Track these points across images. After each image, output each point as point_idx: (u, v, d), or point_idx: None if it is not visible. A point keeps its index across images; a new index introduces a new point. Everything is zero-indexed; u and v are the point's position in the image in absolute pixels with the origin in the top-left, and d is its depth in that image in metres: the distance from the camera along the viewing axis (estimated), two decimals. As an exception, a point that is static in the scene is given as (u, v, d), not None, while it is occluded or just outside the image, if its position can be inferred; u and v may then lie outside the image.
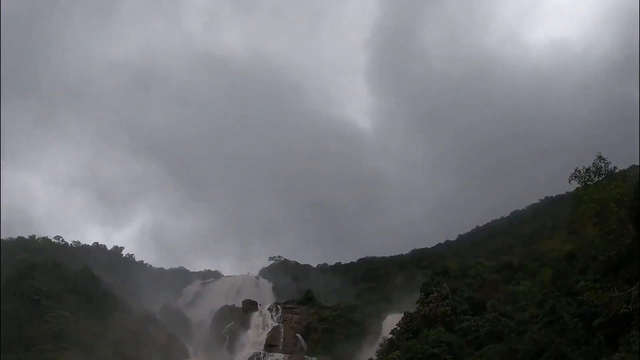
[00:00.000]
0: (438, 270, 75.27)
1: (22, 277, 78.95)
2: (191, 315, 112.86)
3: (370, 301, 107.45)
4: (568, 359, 37.97)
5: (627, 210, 31.94)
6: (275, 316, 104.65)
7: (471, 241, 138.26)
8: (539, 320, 44.53)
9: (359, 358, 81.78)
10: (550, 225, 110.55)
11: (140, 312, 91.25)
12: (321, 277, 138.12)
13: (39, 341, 67.46)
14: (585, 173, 38.00)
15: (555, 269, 52.69)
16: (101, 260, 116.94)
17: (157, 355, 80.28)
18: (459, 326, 55.90)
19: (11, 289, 73.45)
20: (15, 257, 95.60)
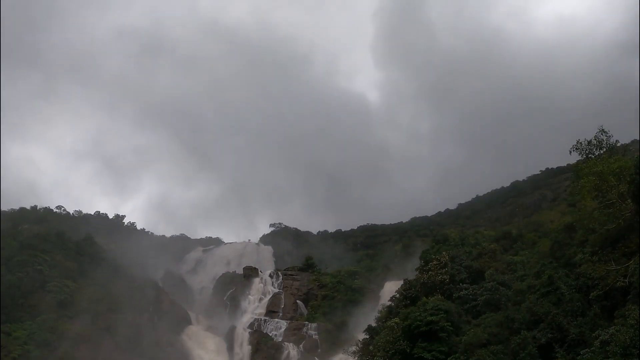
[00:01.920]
0: (437, 239, 75.58)
1: (25, 248, 79.53)
2: (193, 282, 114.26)
3: (370, 268, 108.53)
4: (564, 330, 38.44)
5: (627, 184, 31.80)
6: (276, 282, 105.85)
7: (471, 210, 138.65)
8: (536, 290, 44.95)
9: (358, 324, 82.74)
10: (550, 196, 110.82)
11: (142, 279, 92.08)
12: (322, 244, 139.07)
13: (44, 310, 68.34)
14: (587, 145, 37.69)
15: (554, 240, 52.87)
16: (103, 228, 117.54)
17: (159, 322, 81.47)
18: (457, 294, 56.30)
19: (15, 259, 73.93)
20: (17, 227, 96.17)
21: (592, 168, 32.98)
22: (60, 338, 63.85)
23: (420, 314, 49.66)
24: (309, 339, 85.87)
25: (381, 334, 53.90)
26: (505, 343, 41.20)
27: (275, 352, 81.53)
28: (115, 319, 72.20)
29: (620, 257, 33.36)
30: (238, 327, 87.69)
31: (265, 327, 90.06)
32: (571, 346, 37.26)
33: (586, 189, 33.10)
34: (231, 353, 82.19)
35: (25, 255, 75.52)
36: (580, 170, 35.13)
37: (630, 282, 32.54)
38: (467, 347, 43.74)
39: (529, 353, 38.25)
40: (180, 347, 77.83)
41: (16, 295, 67.93)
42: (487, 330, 44.46)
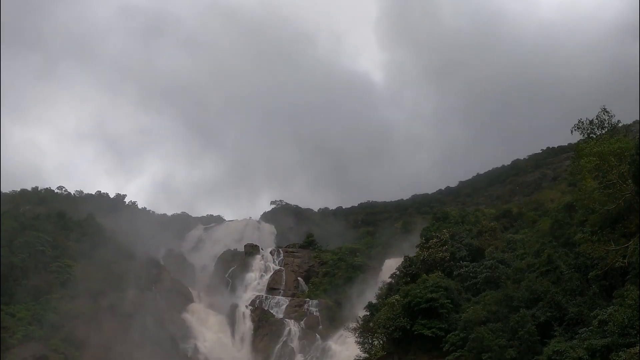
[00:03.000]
0: (438, 216, 75.57)
1: (26, 229, 79.72)
2: (194, 260, 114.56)
3: (370, 245, 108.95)
4: (563, 309, 38.74)
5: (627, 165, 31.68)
6: (277, 260, 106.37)
7: (471, 188, 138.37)
8: (535, 269, 45.15)
9: (359, 301, 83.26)
10: (551, 175, 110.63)
11: (144, 258, 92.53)
12: (322, 222, 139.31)
13: (46, 291, 68.85)
14: (589, 125, 37.45)
15: (553, 219, 52.90)
16: (104, 208, 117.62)
17: (161, 300, 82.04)
18: (457, 272, 56.60)
19: (16, 240, 74.21)
20: (19, 209, 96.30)
21: (593, 148, 32.81)
22: (63, 317, 64.49)
23: (420, 291, 50.08)
24: (310, 315, 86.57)
25: (381, 310, 54.27)
26: (504, 321, 41.59)
27: (277, 328, 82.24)
28: (117, 297, 72.73)
29: (620, 238, 33.45)
30: (239, 305, 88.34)
31: (266, 304, 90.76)
32: (570, 325, 37.63)
33: (586, 169, 33.00)
34: (233, 330, 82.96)
35: (27, 236, 75.76)
36: (581, 150, 34.95)
37: (629, 262, 32.68)
38: (467, 324, 44.26)
39: (527, 331, 38.60)
40: (183, 325, 78.55)
41: (19, 277, 68.35)
42: (487, 308, 44.90)
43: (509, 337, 39.64)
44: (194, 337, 77.65)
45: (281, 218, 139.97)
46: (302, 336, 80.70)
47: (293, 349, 78.32)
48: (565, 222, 50.05)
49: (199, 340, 77.37)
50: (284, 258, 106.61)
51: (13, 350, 57.93)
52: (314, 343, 78.38)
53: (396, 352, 51.11)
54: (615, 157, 31.21)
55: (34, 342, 60.33)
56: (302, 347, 78.11)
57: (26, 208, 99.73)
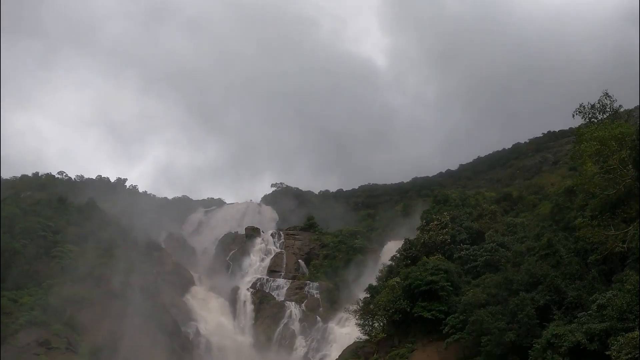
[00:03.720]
0: (438, 199, 75.56)
1: (27, 214, 79.86)
2: (195, 243, 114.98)
3: (371, 228, 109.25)
4: (562, 292, 38.81)
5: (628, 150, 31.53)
6: (278, 242, 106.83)
7: (472, 171, 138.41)
8: (535, 252, 45.21)
9: (359, 283, 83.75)
10: (551, 159, 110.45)
11: (145, 241, 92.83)
12: (323, 204, 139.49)
13: (48, 276, 69.12)
14: (590, 109, 37.22)
15: (554, 203, 52.90)
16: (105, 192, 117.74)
17: (163, 283, 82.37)
18: (458, 254, 56.79)
19: (18, 226, 74.34)
20: (20, 195, 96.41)
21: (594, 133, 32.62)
22: (65, 302, 64.74)
23: (420, 273, 50.31)
24: (311, 298, 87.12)
25: (382, 293, 54.76)
26: (503, 304, 41.53)
27: (278, 311, 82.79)
28: (119, 281, 72.83)
29: (620, 223, 33.41)
30: (241, 287, 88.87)
31: (267, 287, 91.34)
32: (569, 309, 37.72)
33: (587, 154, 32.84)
34: (234, 312, 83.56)
35: (28, 222, 75.92)
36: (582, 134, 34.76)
37: (629, 248, 32.69)
38: (466, 307, 44.34)
39: (527, 314, 38.66)
40: (185, 308, 79.02)
41: (21, 262, 68.57)
42: (486, 290, 44.85)
43: (509, 320, 39.62)
44: (195, 320, 78.20)
45: (282, 201, 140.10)
46: (302, 318, 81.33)
47: (294, 331, 78.96)
48: (565, 207, 50.04)
49: (201, 323, 77.89)
50: (285, 241, 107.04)
51: (16, 335, 58.38)
52: (314, 325, 79.01)
53: (396, 334, 51.61)
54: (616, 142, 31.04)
55: (37, 327, 60.70)
56: (302, 329, 78.75)
57: (27, 194, 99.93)
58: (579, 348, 31.93)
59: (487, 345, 39.47)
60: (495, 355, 39.43)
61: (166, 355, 64.06)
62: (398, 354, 47.63)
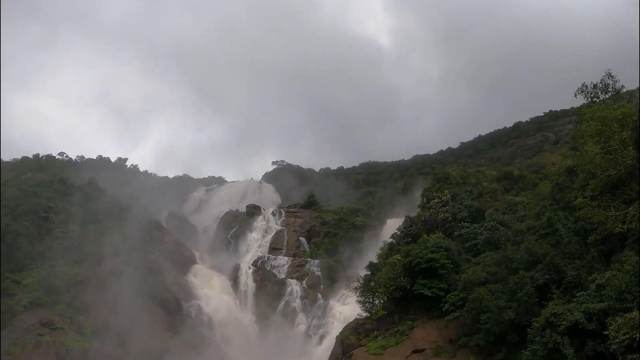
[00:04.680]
0: (439, 177, 75.41)
1: (29, 196, 79.82)
2: (196, 221, 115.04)
3: (372, 205, 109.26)
4: (561, 272, 39.00)
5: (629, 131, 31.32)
6: (279, 220, 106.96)
7: (473, 149, 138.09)
8: (535, 231, 45.29)
9: (360, 261, 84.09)
10: (552, 139, 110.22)
11: (146, 220, 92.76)
12: (324, 182, 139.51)
13: (51, 257, 69.29)
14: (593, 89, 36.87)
15: (554, 182, 52.80)
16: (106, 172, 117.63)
17: (165, 262, 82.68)
18: (458, 232, 56.90)
19: (19, 208, 74.47)
20: (21, 176, 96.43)
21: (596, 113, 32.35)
22: (68, 283, 65.12)
23: (421, 251, 50.36)
24: (312, 275, 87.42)
25: (382, 270, 54.89)
26: (503, 282, 41.79)
27: (279, 288, 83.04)
28: (121, 261, 73.19)
29: (620, 204, 33.35)
30: (242, 265, 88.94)
31: (268, 265, 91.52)
32: (567, 288, 37.96)
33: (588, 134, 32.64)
34: (236, 290, 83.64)
35: (29, 203, 75.86)
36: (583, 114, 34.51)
37: (629, 228, 32.68)
38: (466, 284, 44.46)
39: (526, 293, 38.90)
40: (186, 286, 79.35)
41: (23, 244, 68.80)
42: (486, 269, 44.98)
43: (508, 298, 39.88)
44: (197, 298, 78.46)
45: (283, 178, 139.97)
46: (303, 296, 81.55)
47: (295, 308, 79.34)
48: (565, 186, 49.99)
49: (202, 301, 78.17)
50: (286, 218, 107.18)
51: (20, 317, 58.79)
52: (315, 302, 79.36)
53: (396, 311, 51.79)
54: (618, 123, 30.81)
55: (40, 308, 61.07)
56: (304, 307, 79.16)
57: (28, 175, 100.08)
58: (578, 327, 32.19)
59: (487, 323, 39.82)
60: (494, 333, 39.82)
61: (168, 333, 64.71)
62: (398, 331, 47.82)
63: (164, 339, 63.84)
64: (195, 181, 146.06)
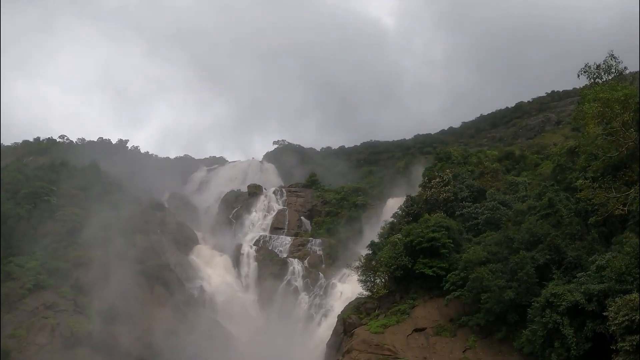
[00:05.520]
0: (440, 156, 75.23)
1: (30, 180, 79.87)
2: (198, 201, 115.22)
3: (373, 185, 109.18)
4: (562, 252, 39.14)
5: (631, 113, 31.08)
6: (280, 200, 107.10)
7: (474, 129, 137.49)
8: (536, 212, 45.33)
9: (361, 240, 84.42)
10: (554, 119, 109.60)
11: (148, 201, 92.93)
12: (325, 161, 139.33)
13: (54, 240, 69.46)
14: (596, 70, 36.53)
15: (556, 163, 52.65)
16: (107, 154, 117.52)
17: (167, 243, 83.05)
18: (459, 212, 56.95)
19: (21, 192, 74.57)
20: (22, 160, 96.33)
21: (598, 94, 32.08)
22: (72, 265, 65.34)
23: (422, 230, 50.42)
24: (313, 254, 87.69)
25: (383, 249, 54.85)
26: (504, 262, 42.05)
27: (281, 267, 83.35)
28: (123, 242, 73.35)
29: (621, 186, 33.33)
30: (244, 245, 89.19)
31: (270, 244, 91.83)
32: (568, 269, 38.16)
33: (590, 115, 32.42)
34: (238, 270, 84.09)
35: (31, 187, 75.85)
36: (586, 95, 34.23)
37: (629, 210, 32.71)
38: (467, 264, 44.70)
39: (526, 272, 39.18)
40: (189, 267, 79.79)
41: (26, 228, 69.02)
42: (487, 248, 45.26)
43: (508, 278, 40.14)
44: (200, 278, 78.99)
45: (284, 158, 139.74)
46: (305, 275, 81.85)
47: (297, 287, 79.73)
48: (567, 167, 49.88)
49: (205, 281, 78.68)
50: (287, 198, 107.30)
51: (24, 300, 59.15)
52: (317, 281, 79.63)
53: (398, 290, 52.18)
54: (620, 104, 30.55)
55: (44, 291, 61.39)
56: (305, 286, 79.55)
57: (29, 159, 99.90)
58: (577, 308, 32.47)
59: (487, 303, 40.15)
60: (494, 313, 40.21)
61: (172, 314, 65.23)
62: (399, 310, 48.14)
63: (167, 319, 64.38)
64: (196, 162, 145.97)
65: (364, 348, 43.62)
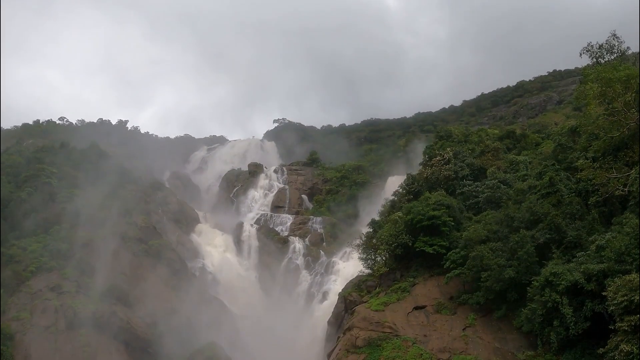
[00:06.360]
0: (441, 135, 74.82)
1: (31, 162, 79.97)
2: (199, 181, 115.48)
3: (374, 163, 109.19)
4: (562, 232, 39.09)
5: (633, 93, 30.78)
6: (281, 178, 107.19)
7: (475, 107, 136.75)
8: (537, 191, 45.14)
9: (362, 218, 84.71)
10: (556, 99, 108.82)
11: (149, 181, 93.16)
12: (326, 139, 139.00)
13: (56, 221, 69.72)
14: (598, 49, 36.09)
15: (557, 142, 52.30)
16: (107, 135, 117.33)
17: (168, 222, 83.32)
18: (460, 190, 56.79)
19: (22, 175, 74.55)
20: (22, 143, 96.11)
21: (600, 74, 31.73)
22: (73, 246, 65.83)
23: (422, 208, 50.37)
24: (314, 232, 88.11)
25: (384, 227, 54.76)
26: (504, 240, 41.91)
27: (282, 246, 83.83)
28: (125, 222, 73.67)
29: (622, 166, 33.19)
30: (245, 223, 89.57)
31: (271, 222, 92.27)
32: (568, 248, 38.15)
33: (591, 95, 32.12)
34: (239, 248, 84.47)
35: (32, 169, 76.05)
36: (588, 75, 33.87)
37: (630, 191, 32.62)
38: (467, 242, 44.61)
39: (526, 252, 39.15)
40: (191, 246, 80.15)
41: (28, 210, 69.20)
42: (487, 227, 45.02)
43: (508, 256, 40.08)
44: (201, 257, 79.43)
45: (284, 136, 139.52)
46: (306, 253, 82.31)
47: (298, 265, 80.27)
48: (568, 147, 49.56)
49: (207, 260, 79.12)
50: (288, 176, 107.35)
51: (27, 282, 59.77)
52: (318, 259, 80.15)
53: (398, 268, 52.34)
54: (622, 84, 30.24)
55: (47, 273, 61.99)
56: (306, 264, 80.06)
57: (29, 142, 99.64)
58: (577, 287, 32.54)
59: (487, 281, 40.16)
60: (494, 291, 40.29)
61: (174, 293, 65.72)
62: (400, 288, 48.26)
63: (169, 298, 64.92)
64: (197, 141, 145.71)
65: (364, 325, 43.91)
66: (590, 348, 32.07)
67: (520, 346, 37.16)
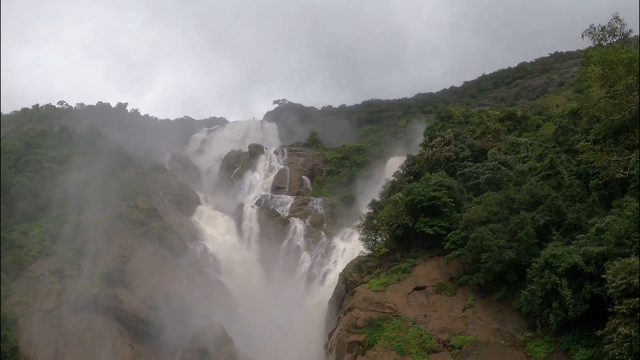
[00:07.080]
0: (442, 115, 74.54)
1: (31, 147, 79.76)
2: (199, 162, 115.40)
3: (374, 143, 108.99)
4: (562, 214, 39.16)
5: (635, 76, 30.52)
6: (281, 159, 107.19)
7: (476, 89, 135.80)
8: (537, 173, 45.11)
9: (363, 199, 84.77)
10: (557, 81, 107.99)
11: (149, 163, 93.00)
12: (326, 120, 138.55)
13: (57, 206, 69.59)
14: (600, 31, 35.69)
15: (558, 125, 52.09)
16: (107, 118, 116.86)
17: (169, 204, 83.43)
18: (461, 171, 56.79)
19: (22, 160, 74.41)
20: (21, 128, 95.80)
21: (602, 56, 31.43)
22: (75, 230, 65.72)
23: (423, 189, 50.38)
24: (315, 213, 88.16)
25: (385, 208, 54.84)
26: (504, 222, 42.00)
27: (282, 227, 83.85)
28: (126, 205, 73.63)
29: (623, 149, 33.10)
30: (245, 205, 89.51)
31: (271, 203, 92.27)
32: (567, 230, 38.27)
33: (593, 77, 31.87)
34: (240, 230, 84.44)
35: (32, 154, 75.85)
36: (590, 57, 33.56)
37: (630, 174, 32.57)
38: (468, 223, 44.77)
39: (526, 233, 39.26)
40: (192, 228, 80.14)
41: (29, 195, 69.18)
42: (487, 208, 45.11)
43: (508, 238, 40.18)
44: (202, 239, 79.47)
45: (285, 117, 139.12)
46: (307, 234, 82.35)
47: (299, 246, 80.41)
48: (569, 129, 49.40)
49: (208, 241, 79.06)
50: (288, 157, 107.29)
51: (29, 267, 59.78)
52: (319, 240, 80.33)
53: (398, 249, 52.60)
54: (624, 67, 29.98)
55: (49, 257, 62.02)
56: (307, 245, 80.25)
57: (29, 126, 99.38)
58: (576, 269, 32.79)
59: (487, 262, 40.33)
60: (494, 272, 40.46)
61: (175, 275, 65.82)
62: (400, 268, 48.51)
63: (170, 280, 65.02)
64: (196, 122, 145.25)
65: (365, 306, 44.16)
66: (588, 330, 32.39)
67: (519, 327, 37.43)
